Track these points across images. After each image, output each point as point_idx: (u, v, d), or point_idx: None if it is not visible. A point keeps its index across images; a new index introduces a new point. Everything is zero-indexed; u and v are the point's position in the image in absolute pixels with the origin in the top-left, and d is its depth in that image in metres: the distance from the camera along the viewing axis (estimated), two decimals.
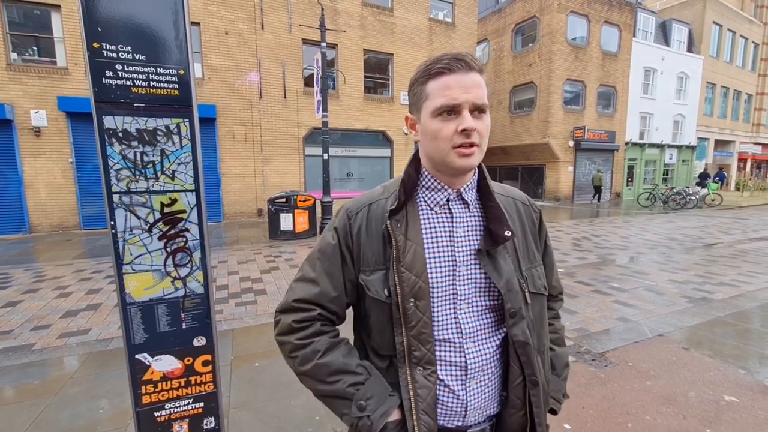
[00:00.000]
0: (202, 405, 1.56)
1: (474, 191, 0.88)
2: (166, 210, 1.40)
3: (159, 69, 1.32)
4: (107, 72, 1.25)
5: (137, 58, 1.28)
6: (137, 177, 1.35)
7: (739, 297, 4.54)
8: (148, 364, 1.45)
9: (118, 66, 1.26)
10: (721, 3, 22.97)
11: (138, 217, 1.37)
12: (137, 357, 1.43)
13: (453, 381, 0.82)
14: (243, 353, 3.16)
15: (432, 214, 0.85)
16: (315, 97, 9.91)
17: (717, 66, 23.34)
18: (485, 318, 0.84)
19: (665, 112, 21.06)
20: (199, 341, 1.52)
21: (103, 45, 1.23)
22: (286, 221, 8.39)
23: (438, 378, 0.81)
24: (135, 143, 1.33)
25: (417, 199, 0.87)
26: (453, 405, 0.82)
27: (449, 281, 0.82)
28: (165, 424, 1.51)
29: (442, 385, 0.82)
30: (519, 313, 0.82)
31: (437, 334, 0.81)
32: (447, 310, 0.82)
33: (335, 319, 0.90)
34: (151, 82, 1.31)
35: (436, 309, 0.81)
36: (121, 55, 1.26)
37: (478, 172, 0.88)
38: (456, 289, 0.82)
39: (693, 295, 4.60)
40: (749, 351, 3.14)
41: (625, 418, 2.28)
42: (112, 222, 1.33)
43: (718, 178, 20.95)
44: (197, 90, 1.44)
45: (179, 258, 1.44)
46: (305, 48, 12.01)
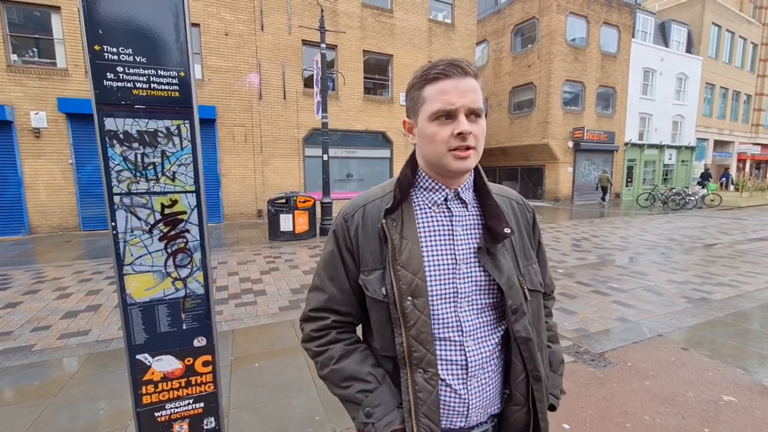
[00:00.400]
0: (202, 405, 1.57)
1: (471, 191, 0.90)
2: (166, 211, 1.41)
3: (160, 71, 1.33)
4: (108, 74, 1.26)
5: (138, 60, 1.29)
6: (138, 178, 1.36)
7: (738, 297, 4.55)
8: (148, 364, 1.46)
9: (119, 68, 1.27)
10: (720, 4, 23.02)
11: (139, 218, 1.38)
12: (138, 357, 1.44)
13: (454, 380, 0.82)
14: (243, 354, 3.17)
15: (430, 213, 0.86)
16: (315, 98, 9.93)
17: (716, 67, 23.38)
18: (485, 316, 0.85)
19: (664, 112, 21.09)
20: (200, 342, 1.52)
21: (105, 47, 1.24)
22: (285, 222, 8.40)
23: (440, 378, 0.82)
24: (136, 145, 1.34)
25: (413, 199, 0.87)
26: (455, 404, 0.83)
27: (449, 279, 0.83)
28: (165, 424, 1.51)
29: (443, 385, 0.82)
30: (520, 310, 0.84)
31: (438, 332, 0.82)
32: (447, 308, 0.83)
33: (352, 321, 0.92)
34: (152, 84, 1.32)
35: (435, 307, 0.82)
36: (122, 58, 1.27)
37: (474, 172, 0.89)
38: (457, 288, 0.83)
39: (692, 296, 4.61)
40: (748, 351, 3.15)
41: (624, 417, 2.28)
42: (113, 223, 1.34)
43: (724, 178, 21.02)
44: (197, 91, 1.45)
45: (180, 259, 1.45)
46: (305, 49, 12.03)
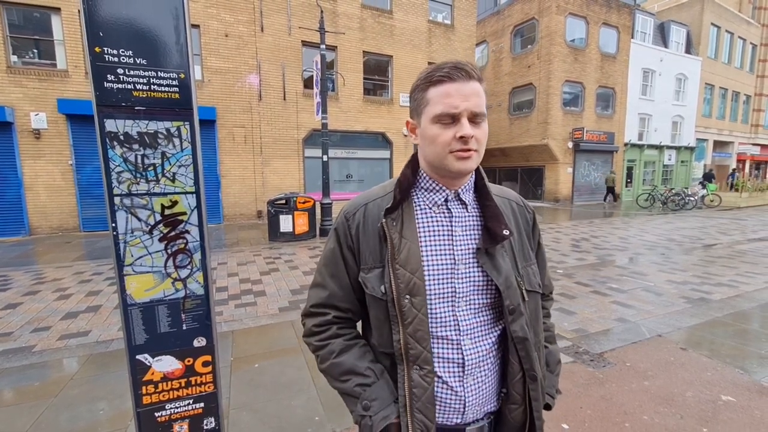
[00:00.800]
0: (202, 405, 1.57)
1: (471, 192, 0.90)
2: (166, 212, 1.42)
3: (160, 73, 1.33)
4: (109, 76, 1.27)
5: (138, 62, 1.30)
6: (138, 179, 1.37)
7: (737, 297, 4.55)
8: (148, 364, 1.46)
9: (119, 70, 1.28)
10: (719, 4, 23.05)
11: (139, 219, 1.38)
12: (138, 358, 1.45)
13: (451, 377, 0.83)
14: (243, 354, 3.17)
15: (430, 213, 0.87)
16: (314, 99, 9.94)
17: (715, 67, 23.40)
18: (482, 315, 0.86)
19: (664, 113, 21.11)
20: (200, 342, 1.53)
21: (105, 49, 1.25)
22: (285, 223, 8.40)
23: (436, 375, 0.83)
24: (136, 146, 1.35)
25: (413, 199, 0.88)
26: (451, 402, 0.84)
27: (448, 279, 0.84)
28: (165, 424, 1.52)
29: (440, 382, 0.84)
30: (518, 310, 0.85)
31: (435, 331, 0.83)
32: (445, 307, 0.84)
33: (351, 317, 0.94)
34: (152, 85, 1.33)
35: (433, 306, 0.83)
36: (123, 60, 1.28)
37: (475, 173, 0.90)
38: (455, 287, 0.84)
39: (691, 296, 4.62)
40: (747, 351, 3.15)
41: (623, 417, 2.29)
42: (113, 224, 1.35)
43: (731, 177, 21.06)
44: (197, 92, 1.46)
45: (180, 259, 1.46)
46: (305, 50, 12.05)
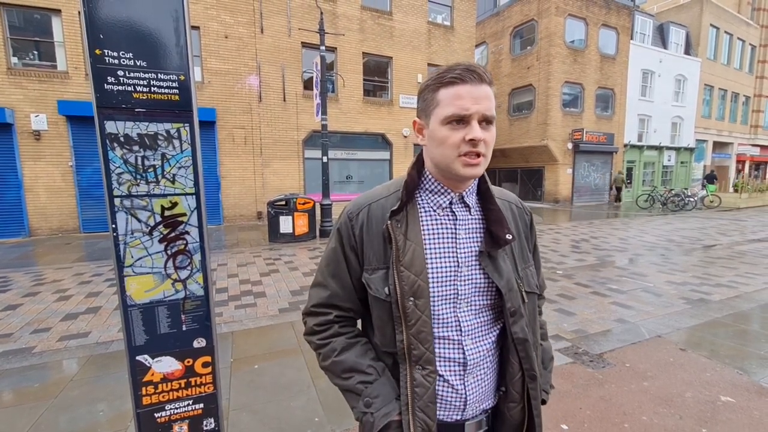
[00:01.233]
0: (202, 406, 1.58)
1: (474, 195, 0.91)
2: (166, 213, 1.43)
3: (160, 75, 1.34)
4: (109, 78, 1.28)
5: (138, 64, 1.31)
6: (138, 181, 1.37)
7: (737, 298, 4.56)
8: (148, 365, 1.47)
9: (119, 72, 1.29)
10: (718, 6, 23.09)
11: (139, 221, 1.39)
12: (138, 358, 1.45)
13: (452, 376, 0.85)
14: (243, 355, 3.17)
15: (434, 215, 0.87)
16: (314, 101, 9.95)
17: (714, 68, 23.44)
18: (483, 316, 0.87)
19: (663, 114, 21.13)
20: (199, 343, 1.53)
21: (105, 51, 1.26)
22: (285, 224, 8.41)
23: (438, 374, 0.84)
24: (136, 148, 1.35)
25: (418, 201, 0.89)
26: (452, 399, 0.86)
27: (451, 281, 0.85)
28: (165, 425, 1.52)
29: (441, 381, 0.85)
30: (518, 312, 0.86)
31: (437, 331, 0.84)
32: (447, 308, 0.85)
33: (353, 315, 0.95)
34: (152, 87, 1.34)
35: (436, 308, 0.84)
36: (123, 62, 1.29)
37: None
38: (457, 289, 0.85)
39: (691, 297, 4.62)
40: (746, 352, 3.16)
41: (622, 418, 2.29)
42: (113, 225, 1.35)
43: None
44: (197, 93, 1.47)
45: (179, 260, 1.46)
46: (305, 51, 12.06)
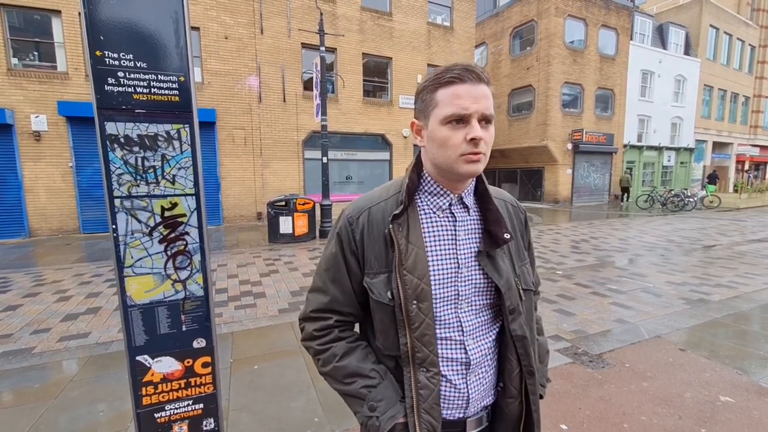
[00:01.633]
0: (201, 406, 1.58)
1: (472, 195, 0.91)
2: (166, 214, 1.43)
3: (160, 76, 1.35)
4: (109, 79, 1.28)
5: (139, 65, 1.31)
6: (138, 182, 1.38)
7: (736, 299, 4.56)
8: (148, 365, 1.47)
9: (120, 73, 1.29)
10: (718, 6, 23.11)
11: (139, 221, 1.39)
12: (138, 359, 1.45)
13: (455, 376, 0.86)
14: (242, 356, 3.17)
15: (434, 217, 0.87)
16: (314, 101, 9.96)
17: (714, 69, 23.46)
18: (483, 315, 0.88)
19: (663, 114, 21.15)
20: (199, 343, 1.54)
21: (106, 53, 1.26)
22: (285, 224, 8.41)
23: (441, 375, 0.85)
24: (136, 148, 1.36)
25: (417, 203, 0.89)
26: (455, 399, 0.86)
27: (452, 283, 0.85)
28: (165, 425, 1.53)
29: (444, 381, 0.85)
30: (517, 310, 0.87)
31: (440, 333, 0.85)
32: (449, 310, 0.85)
33: (352, 320, 0.94)
34: (152, 88, 1.34)
35: (438, 309, 0.84)
36: (123, 63, 1.29)
37: (475, 176, 0.91)
38: (458, 290, 0.85)
39: (690, 297, 4.62)
40: (745, 352, 3.16)
41: (622, 418, 2.29)
42: (113, 226, 1.36)
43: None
44: (197, 94, 1.47)
45: (179, 261, 1.46)
46: (304, 52, 12.07)
